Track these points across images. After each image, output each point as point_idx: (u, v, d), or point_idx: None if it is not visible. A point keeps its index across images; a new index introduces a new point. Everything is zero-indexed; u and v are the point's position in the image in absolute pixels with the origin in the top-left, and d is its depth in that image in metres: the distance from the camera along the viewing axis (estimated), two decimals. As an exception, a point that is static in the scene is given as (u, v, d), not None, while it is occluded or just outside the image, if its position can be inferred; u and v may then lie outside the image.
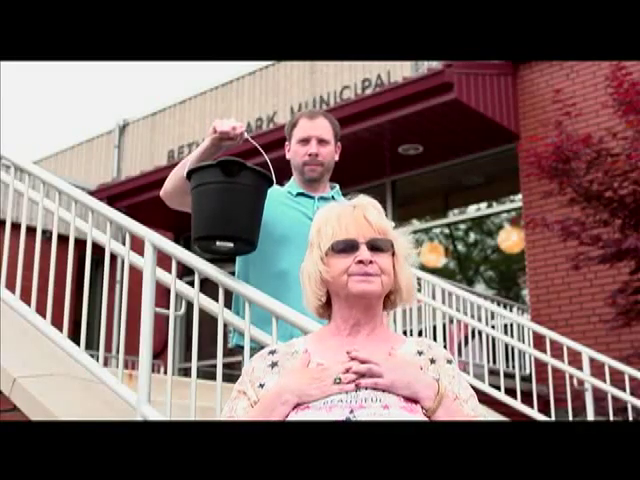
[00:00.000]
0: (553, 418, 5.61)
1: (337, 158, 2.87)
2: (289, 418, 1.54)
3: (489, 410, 5.70)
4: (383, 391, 1.54)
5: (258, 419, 1.56)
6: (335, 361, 1.60)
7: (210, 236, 2.60)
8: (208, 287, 3.05)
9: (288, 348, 1.70)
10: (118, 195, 10.23)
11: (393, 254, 1.68)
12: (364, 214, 1.68)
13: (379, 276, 1.64)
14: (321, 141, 2.78)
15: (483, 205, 9.22)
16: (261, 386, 1.63)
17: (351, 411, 1.51)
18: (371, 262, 1.63)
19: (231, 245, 2.60)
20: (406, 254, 1.72)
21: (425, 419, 1.52)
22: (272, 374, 1.64)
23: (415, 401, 1.54)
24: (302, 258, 1.75)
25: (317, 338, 1.74)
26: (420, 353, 1.67)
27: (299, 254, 1.86)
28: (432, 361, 1.66)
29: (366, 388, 1.54)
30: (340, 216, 1.69)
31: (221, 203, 2.56)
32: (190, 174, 2.62)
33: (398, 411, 1.51)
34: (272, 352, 1.70)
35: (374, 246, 1.65)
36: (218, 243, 2.59)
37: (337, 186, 2.90)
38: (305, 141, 2.78)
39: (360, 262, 1.63)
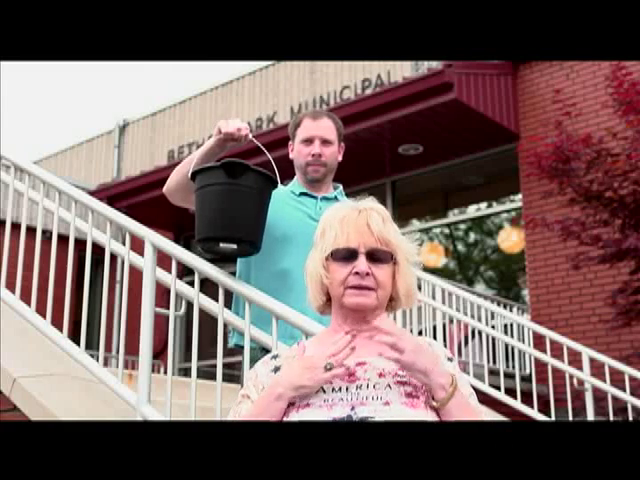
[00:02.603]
0: (553, 418, 5.61)
1: (340, 158, 2.87)
2: (290, 418, 1.55)
3: (489, 410, 5.69)
4: (384, 389, 1.54)
5: (255, 417, 1.57)
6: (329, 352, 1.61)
7: (214, 238, 2.59)
8: (208, 287, 3.05)
9: (290, 352, 1.73)
10: (118, 195, 10.23)
11: (395, 262, 1.68)
12: (367, 221, 1.67)
13: (375, 291, 1.64)
14: (324, 141, 2.77)
15: (483, 205, 9.22)
16: (264, 389, 1.64)
17: (352, 408, 1.51)
18: (368, 274, 1.63)
19: (235, 247, 2.59)
20: (411, 261, 1.71)
21: (425, 418, 1.52)
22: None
23: (416, 397, 1.55)
24: (304, 257, 1.76)
25: (317, 340, 1.76)
26: None
27: (300, 253, 1.86)
28: None
29: (367, 382, 1.55)
30: (343, 221, 1.68)
31: (225, 205, 2.56)
32: (194, 175, 2.63)
33: (399, 407, 1.51)
34: (274, 357, 1.73)
35: (374, 257, 1.65)
36: (222, 245, 2.59)
37: (340, 186, 2.90)
38: (308, 141, 2.77)
39: (357, 273, 1.63)
